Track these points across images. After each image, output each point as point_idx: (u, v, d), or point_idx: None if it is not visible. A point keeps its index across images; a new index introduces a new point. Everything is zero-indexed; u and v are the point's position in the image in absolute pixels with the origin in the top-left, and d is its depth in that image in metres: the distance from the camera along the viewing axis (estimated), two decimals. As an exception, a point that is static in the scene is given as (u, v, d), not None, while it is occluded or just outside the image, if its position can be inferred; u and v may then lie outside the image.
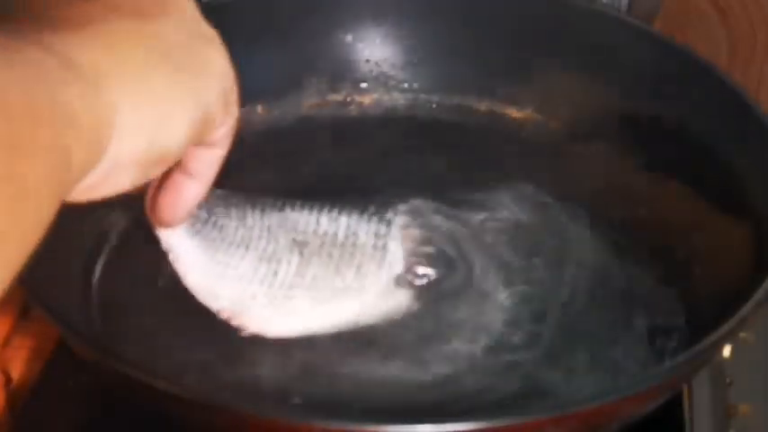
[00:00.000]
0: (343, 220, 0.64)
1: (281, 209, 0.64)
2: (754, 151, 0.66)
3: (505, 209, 0.68)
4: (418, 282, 0.64)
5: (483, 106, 0.80)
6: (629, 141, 0.75)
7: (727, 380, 0.67)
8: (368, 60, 0.81)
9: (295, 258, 0.62)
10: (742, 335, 0.67)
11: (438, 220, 0.67)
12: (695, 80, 0.71)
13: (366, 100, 0.81)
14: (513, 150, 0.77)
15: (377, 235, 0.64)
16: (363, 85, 0.81)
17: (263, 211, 0.64)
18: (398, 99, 0.81)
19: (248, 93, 0.78)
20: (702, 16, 0.84)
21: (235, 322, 0.60)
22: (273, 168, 0.74)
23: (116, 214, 0.69)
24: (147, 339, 0.61)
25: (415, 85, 0.81)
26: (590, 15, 0.77)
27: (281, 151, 0.77)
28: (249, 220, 0.63)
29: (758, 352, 0.68)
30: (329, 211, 0.65)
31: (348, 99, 0.81)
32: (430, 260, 0.65)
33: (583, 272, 0.65)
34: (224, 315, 0.60)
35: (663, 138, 0.73)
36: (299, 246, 0.62)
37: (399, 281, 0.64)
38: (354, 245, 0.64)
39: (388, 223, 0.65)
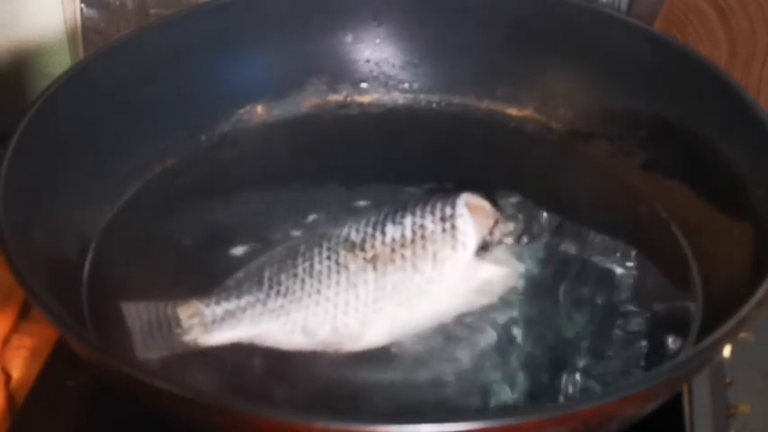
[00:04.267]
0: (408, 219, 0.64)
1: (337, 236, 0.64)
2: (754, 151, 0.66)
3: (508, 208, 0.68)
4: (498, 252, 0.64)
5: (483, 106, 0.80)
6: (629, 141, 0.75)
7: (727, 380, 0.67)
8: (368, 60, 0.81)
9: (370, 275, 0.62)
10: (742, 335, 0.67)
11: None
12: (695, 80, 0.71)
13: (366, 100, 0.81)
14: (513, 150, 0.77)
15: (443, 218, 0.64)
16: (363, 85, 0.81)
17: (319, 251, 0.63)
18: (398, 99, 0.81)
19: (248, 93, 0.79)
20: (702, 16, 0.84)
21: (336, 350, 0.60)
22: (273, 168, 0.74)
23: (106, 211, 0.69)
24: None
25: (415, 85, 0.81)
26: (590, 15, 0.77)
27: (282, 151, 0.77)
28: (310, 268, 0.63)
29: (758, 352, 0.68)
30: (392, 216, 0.64)
31: (348, 99, 0.81)
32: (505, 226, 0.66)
33: (582, 271, 0.65)
34: (328, 350, 0.60)
35: (663, 138, 0.73)
36: (371, 262, 0.62)
37: (479, 256, 0.64)
38: (424, 237, 0.63)
39: (453, 204, 0.65)
